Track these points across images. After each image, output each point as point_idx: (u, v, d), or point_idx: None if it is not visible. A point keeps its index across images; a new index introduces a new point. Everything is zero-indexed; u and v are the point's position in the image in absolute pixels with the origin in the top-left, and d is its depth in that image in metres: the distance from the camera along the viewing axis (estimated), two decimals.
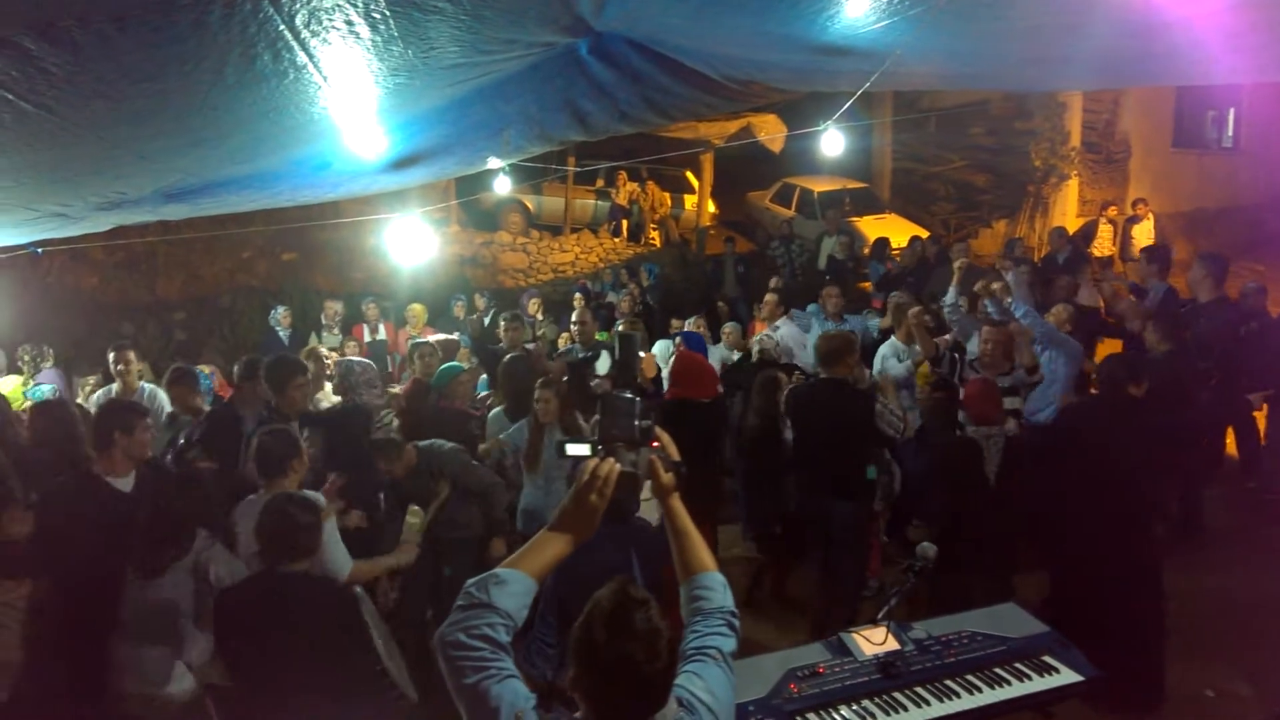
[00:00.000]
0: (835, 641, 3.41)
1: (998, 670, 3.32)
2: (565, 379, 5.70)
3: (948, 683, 3.26)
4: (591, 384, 6.10)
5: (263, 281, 13.05)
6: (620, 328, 7.80)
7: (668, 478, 2.24)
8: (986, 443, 4.71)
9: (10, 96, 2.40)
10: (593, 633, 1.83)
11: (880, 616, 3.41)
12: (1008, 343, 5.60)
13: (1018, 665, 3.35)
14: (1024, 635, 3.49)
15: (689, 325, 8.33)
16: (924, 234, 12.88)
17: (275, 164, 4.38)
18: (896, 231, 13.17)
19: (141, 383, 6.51)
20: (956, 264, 7.10)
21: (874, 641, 3.36)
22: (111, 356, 6.37)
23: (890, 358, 6.63)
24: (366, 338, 9.43)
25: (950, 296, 6.67)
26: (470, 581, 2.00)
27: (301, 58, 2.71)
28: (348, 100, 3.52)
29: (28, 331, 10.14)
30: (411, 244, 7.73)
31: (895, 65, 4.05)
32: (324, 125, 3.83)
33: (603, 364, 6.56)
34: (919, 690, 3.22)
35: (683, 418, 5.17)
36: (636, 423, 2.19)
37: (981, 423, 4.86)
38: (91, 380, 7.42)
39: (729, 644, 2.12)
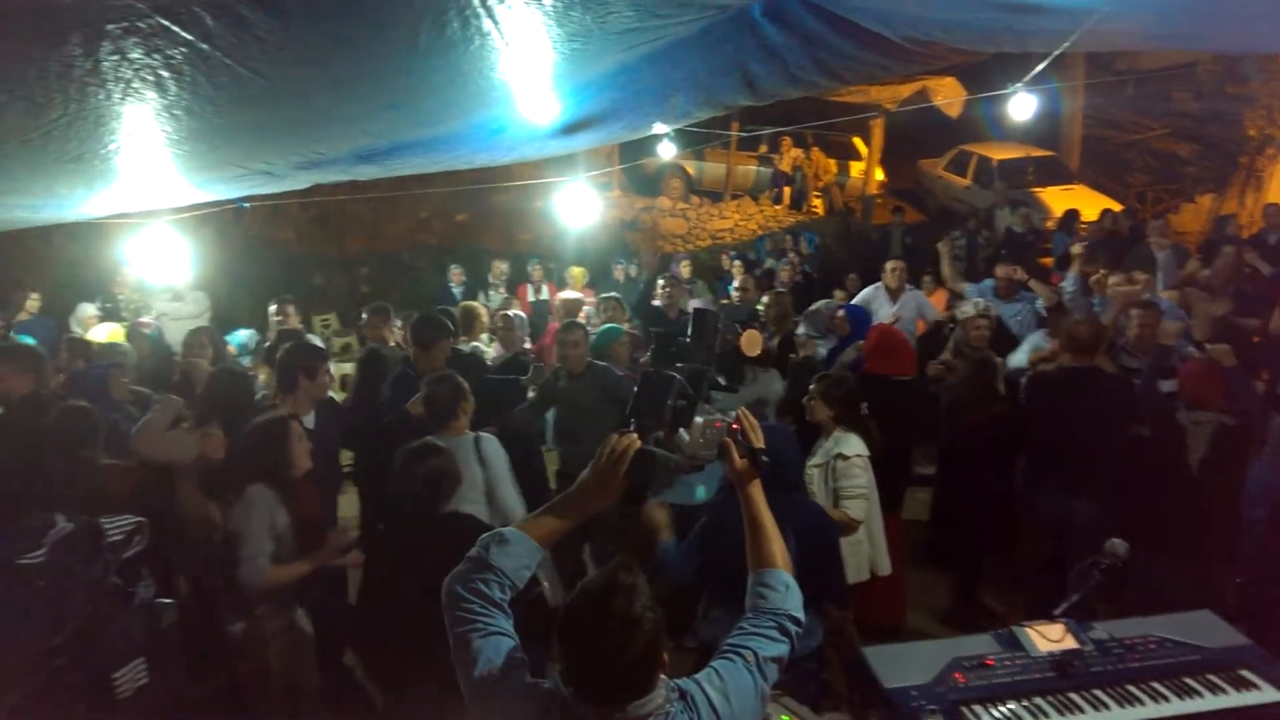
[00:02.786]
0: (1006, 634, 3.24)
1: (1188, 680, 3.07)
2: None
3: (1130, 688, 3.05)
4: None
5: (439, 240, 13.73)
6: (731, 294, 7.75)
7: (741, 463, 2.16)
8: (1195, 429, 4.33)
9: (228, 61, 2.60)
10: (571, 609, 1.81)
11: (1059, 613, 3.22)
12: (1156, 325, 5.32)
13: (1210, 677, 3.08)
14: (1219, 646, 3.21)
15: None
16: (1116, 207, 11.94)
17: (456, 128, 4.57)
18: (1085, 204, 12.27)
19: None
20: (1074, 249, 6.90)
21: (1050, 638, 3.17)
22: (273, 308, 7.00)
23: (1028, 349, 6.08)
24: (530, 297, 9.75)
25: (1069, 282, 6.52)
26: (482, 536, 2.06)
27: (487, 25, 2.80)
28: (526, 66, 3.62)
29: (232, 277, 11.17)
30: (577, 207, 7.93)
31: (1097, 24, 3.75)
32: (502, 91, 3.96)
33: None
34: (1097, 693, 3.02)
35: (877, 395, 4.94)
36: (669, 402, 2.12)
37: (1197, 406, 4.42)
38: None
39: (772, 649, 2.01)
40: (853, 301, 7.58)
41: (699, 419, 2.15)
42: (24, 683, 2.71)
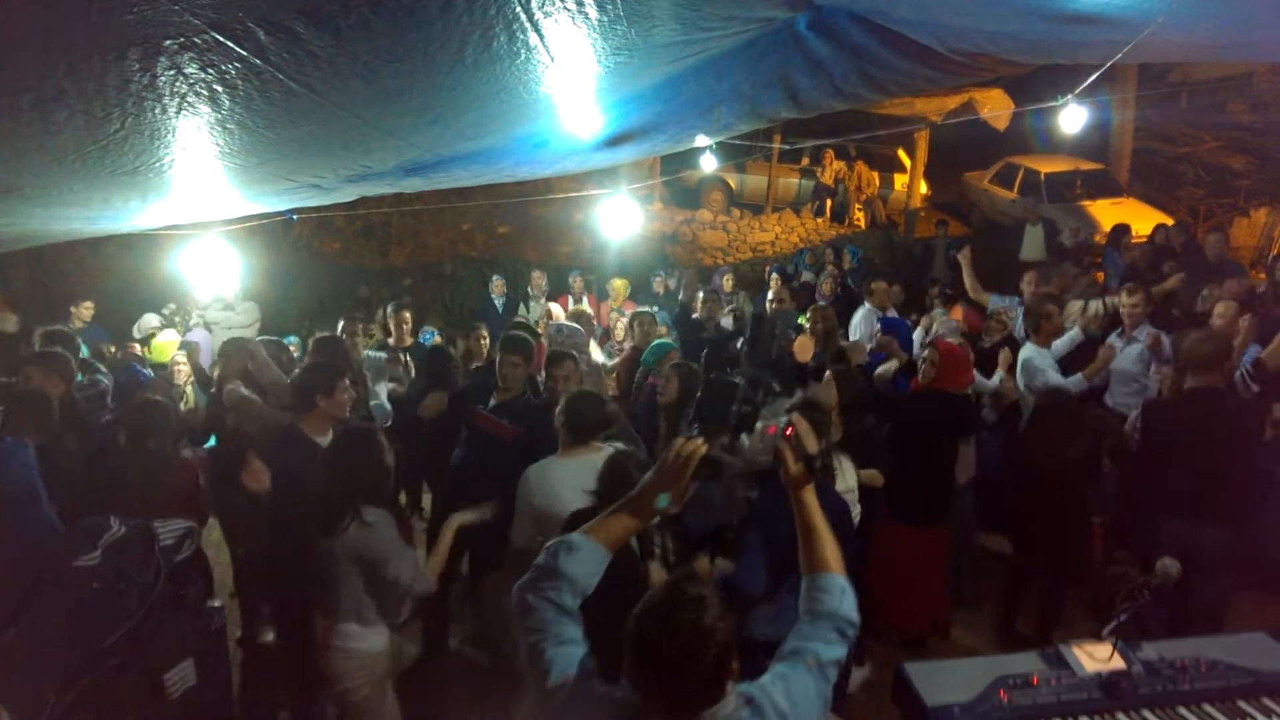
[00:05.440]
0: (1052, 653, 3.20)
1: (1241, 704, 2.99)
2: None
3: (1180, 710, 2.98)
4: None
5: (480, 252, 13.86)
6: (771, 307, 7.69)
7: (797, 468, 2.16)
8: None
9: (281, 76, 2.65)
10: (640, 625, 1.81)
11: (1106, 633, 3.15)
12: None
13: (1266, 701, 3.00)
14: (1276, 669, 3.12)
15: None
16: (1169, 221, 11.69)
17: (500, 141, 4.61)
18: (1135, 217, 12.02)
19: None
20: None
21: (1097, 658, 3.12)
22: (342, 325, 7.06)
23: (1044, 367, 5.82)
24: (570, 308, 9.79)
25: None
26: (548, 543, 2.07)
27: (534, 39, 2.83)
28: (570, 80, 3.65)
29: (280, 287, 11.39)
30: (618, 220, 7.96)
31: (1153, 34, 3.67)
32: (546, 104, 4.00)
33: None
34: (1146, 714, 2.96)
35: (931, 410, 4.94)
36: (734, 407, 2.13)
37: None
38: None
39: (832, 652, 2.03)
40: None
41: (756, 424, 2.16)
42: (79, 682, 2.77)
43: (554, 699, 1.89)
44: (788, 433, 2.17)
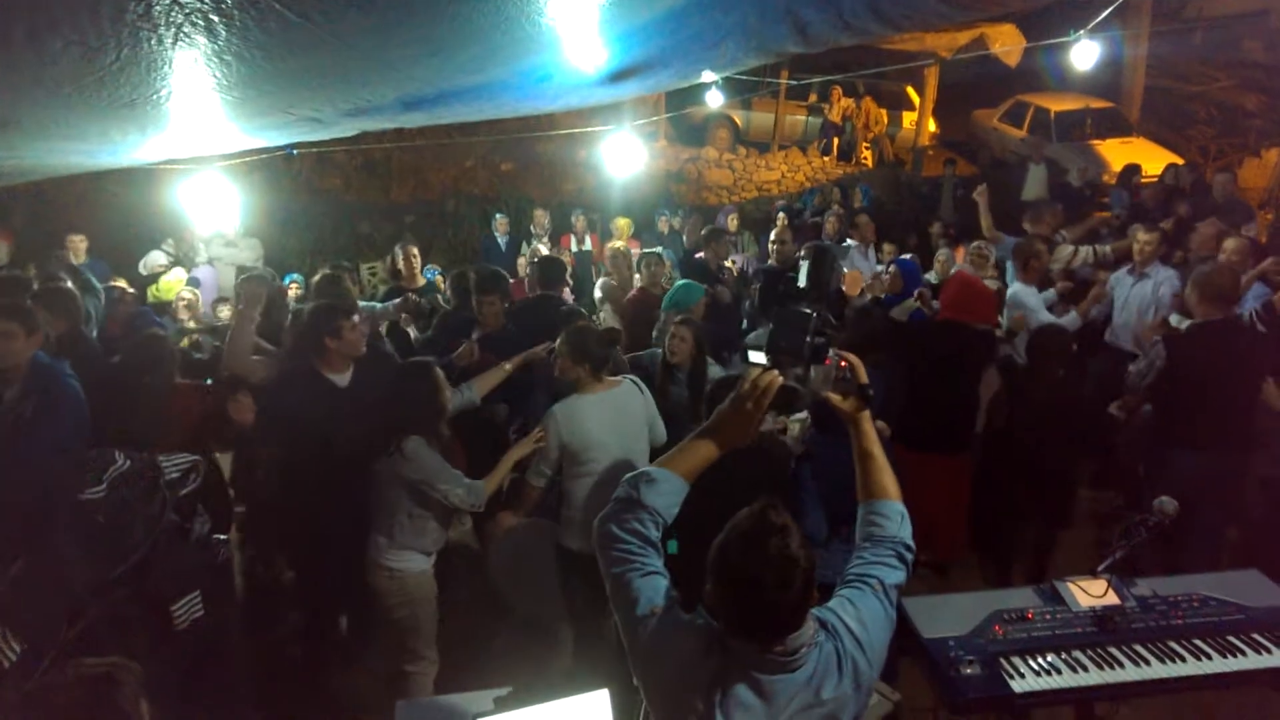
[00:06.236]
0: (1048, 589, 3.26)
1: (1231, 639, 3.06)
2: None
3: (1172, 644, 3.05)
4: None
5: (483, 190, 13.69)
6: (773, 248, 7.65)
7: (849, 402, 2.21)
8: None
9: (277, 6, 2.59)
10: (727, 553, 1.82)
11: (1101, 569, 3.22)
12: None
13: (1255, 636, 3.07)
14: (1265, 605, 3.19)
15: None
16: (1179, 161, 11.53)
17: (502, 75, 4.52)
18: (1145, 157, 11.87)
19: None
20: None
21: (1092, 593, 3.19)
22: (398, 249, 7.02)
23: (1036, 308, 5.78)
24: (573, 247, 9.73)
25: None
26: (627, 476, 2.10)
27: None
28: (574, 11, 3.57)
29: (281, 224, 11.31)
30: (623, 157, 7.87)
31: None
32: (549, 37, 3.91)
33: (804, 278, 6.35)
34: (1138, 649, 3.03)
35: (950, 342, 4.94)
36: (807, 339, 2.15)
37: None
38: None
39: (894, 576, 2.07)
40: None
41: None
42: (87, 613, 2.82)
43: (644, 629, 1.93)
44: (841, 365, 2.22)
